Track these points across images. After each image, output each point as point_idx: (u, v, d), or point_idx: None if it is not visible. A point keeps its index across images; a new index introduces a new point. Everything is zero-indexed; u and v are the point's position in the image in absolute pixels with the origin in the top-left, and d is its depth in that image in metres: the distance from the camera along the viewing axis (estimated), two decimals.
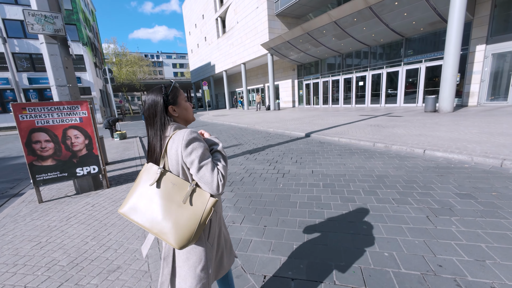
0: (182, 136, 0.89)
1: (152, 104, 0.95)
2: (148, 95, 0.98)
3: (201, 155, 0.89)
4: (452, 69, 8.65)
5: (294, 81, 21.04)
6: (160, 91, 0.96)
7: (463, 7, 8.17)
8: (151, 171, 0.94)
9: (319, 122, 9.16)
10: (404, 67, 12.71)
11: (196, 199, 0.91)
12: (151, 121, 0.96)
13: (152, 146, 0.98)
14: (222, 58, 27.22)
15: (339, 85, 16.76)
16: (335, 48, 15.36)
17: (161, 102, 0.94)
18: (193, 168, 0.89)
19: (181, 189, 0.91)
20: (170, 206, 0.89)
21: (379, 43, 13.65)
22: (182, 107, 1.02)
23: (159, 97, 0.94)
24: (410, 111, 10.70)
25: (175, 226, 0.87)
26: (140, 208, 0.91)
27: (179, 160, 0.90)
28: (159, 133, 0.95)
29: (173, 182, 0.91)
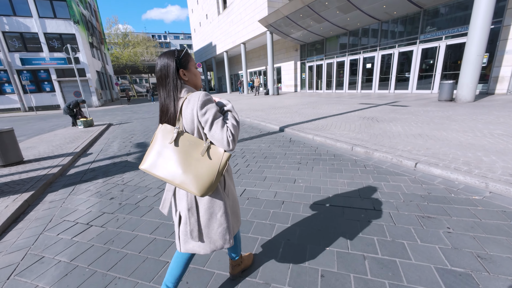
0: (198, 97, 0.97)
1: (165, 66, 1.00)
2: (161, 57, 1.02)
3: (214, 115, 0.98)
4: (477, 47, 6.85)
5: (296, 63, 19.18)
6: (173, 54, 1.01)
7: None
8: (166, 130, 1.02)
9: (307, 112, 7.80)
10: (420, 46, 10.73)
11: (213, 154, 1.01)
12: (163, 82, 1.02)
13: (165, 106, 1.04)
14: (222, 38, 25.43)
15: (345, 68, 14.88)
16: (340, 24, 13.36)
17: (173, 64, 1.00)
18: (206, 127, 0.98)
19: (197, 146, 1.00)
20: (189, 160, 0.99)
21: (391, 16, 11.57)
22: (192, 73, 1.08)
23: (171, 60, 1.00)
24: (422, 99, 9.00)
25: (196, 177, 0.97)
26: (161, 164, 0.99)
27: (194, 119, 0.99)
28: (172, 94, 1.01)
29: (189, 140, 1.00)
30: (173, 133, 0.99)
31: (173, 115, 1.02)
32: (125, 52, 37.88)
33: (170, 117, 1.03)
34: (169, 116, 1.03)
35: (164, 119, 1.05)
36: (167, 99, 1.02)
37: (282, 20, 14.63)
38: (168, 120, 1.04)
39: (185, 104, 0.99)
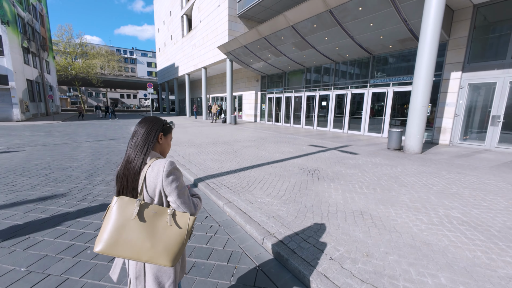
0: (163, 166, 0.96)
1: (150, 124, 1.04)
2: (149, 118, 1.06)
3: (180, 184, 0.99)
4: (422, 98, 6.60)
5: (257, 93, 18.71)
6: (161, 122, 1.08)
7: (438, 23, 6.20)
8: (124, 203, 0.95)
9: (248, 154, 6.56)
10: (370, 90, 10.79)
11: (179, 220, 0.98)
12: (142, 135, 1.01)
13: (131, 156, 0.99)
14: (185, 60, 24.41)
15: (302, 103, 14.61)
16: (297, 60, 13.24)
17: (160, 126, 1.05)
18: (173, 195, 0.97)
19: (162, 215, 0.97)
20: (156, 232, 0.94)
21: (344, 58, 11.71)
22: (167, 142, 1.13)
23: (158, 125, 1.05)
24: (372, 144, 8.56)
25: (166, 248, 0.93)
26: (123, 242, 0.91)
27: (157, 188, 0.96)
28: (145, 149, 1.00)
29: (154, 210, 0.96)
30: (135, 205, 0.94)
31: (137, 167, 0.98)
32: (76, 63, 34.34)
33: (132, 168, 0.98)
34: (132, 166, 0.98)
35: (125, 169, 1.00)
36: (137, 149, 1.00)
37: (241, 49, 14.13)
38: (128, 172, 0.99)
39: (149, 171, 0.97)
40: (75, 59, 35.05)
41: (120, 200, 0.95)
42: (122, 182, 0.99)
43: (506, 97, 7.15)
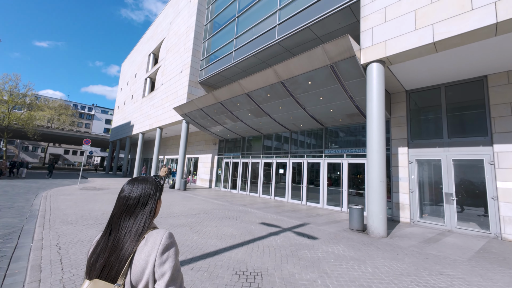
0: (160, 239, 0.80)
1: (146, 194, 0.87)
2: (140, 183, 0.89)
3: (176, 265, 0.80)
4: (378, 172, 6.07)
5: (214, 157, 17.58)
6: (156, 184, 0.93)
7: (381, 104, 6.37)
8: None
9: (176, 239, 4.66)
10: (326, 160, 10.50)
11: None
12: (137, 211, 0.84)
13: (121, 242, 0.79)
14: (141, 119, 23.20)
15: (259, 170, 13.71)
16: (254, 127, 13.04)
17: (158, 194, 0.91)
18: (163, 280, 0.77)
19: None
20: None
21: (299, 128, 11.81)
22: (160, 203, 0.95)
23: (156, 189, 0.91)
24: (333, 221, 7.42)
25: None
26: None
27: (147, 267, 0.76)
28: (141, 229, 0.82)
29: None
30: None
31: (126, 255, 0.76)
32: (13, 113, 30.32)
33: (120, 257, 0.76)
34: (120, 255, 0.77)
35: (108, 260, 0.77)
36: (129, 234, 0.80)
37: (198, 112, 13.64)
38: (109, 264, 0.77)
39: (141, 246, 0.79)
40: (13, 109, 31.10)
41: (92, 285, 0.75)
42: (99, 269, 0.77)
43: (453, 175, 7.13)
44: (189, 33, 17.17)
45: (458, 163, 7.13)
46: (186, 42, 17.37)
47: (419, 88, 8.15)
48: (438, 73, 7.08)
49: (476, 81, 7.14)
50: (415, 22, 5.84)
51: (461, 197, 7.00)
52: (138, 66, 27.69)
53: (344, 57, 6.73)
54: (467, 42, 5.36)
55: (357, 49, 6.73)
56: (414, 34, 5.80)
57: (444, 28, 5.35)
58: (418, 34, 5.74)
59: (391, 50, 6.18)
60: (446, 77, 7.30)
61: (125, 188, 0.87)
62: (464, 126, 7.28)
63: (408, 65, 6.68)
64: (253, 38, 12.02)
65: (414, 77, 7.42)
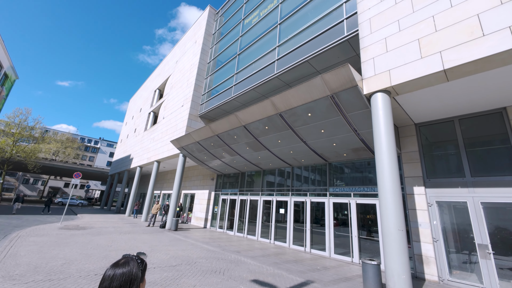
0: None
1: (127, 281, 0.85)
2: (124, 267, 0.88)
3: None
4: (395, 219, 5.00)
5: (211, 193, 16.47)
6: (138, 266, 0.91)
7: (390, 137, 5.66)
8: None
9: None
10: (331, 199, 9.38)
11: None
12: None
13: None
14: (140, 152, 22.83)
15: (258, 209, 12.47)
16: (253, 161, 12.26)
17: (139, 276, 0.89)
18: None
19: None
20: None
21: (301, 163, 10.96)
22: (144, 283, 0.96)
23: (139, 272, 0.90)
24: (343, 278, 6.04)
25: None
26: None
27: None
28: None
29: None
30: None
31: None
32: (18, 145, 30.55)
33: None
34: None
35: None
36: None
37: (194, 145, 13.09)
38: None
39: None
40: (19, 141, 31.48)
41: None
42: None
43: (485, 222, 5.95)
44: (192, 70, 17.72)
45: (488, 206, 6.01)
46: (189, 78, 17.83)
47: (430, 121, 7.48)
48: (451, 104, 6.46)
49: (494, 114, 6.45)
50: (420, 51, 5.43)
51: (498, 250, 5.70)
52: (144, 101, 28.49)
53: (345, 87, 6.24)
54: (483, 69, 4.82)
55: (359, 79, 6.29)
56: (421, 62, 5.35)
57: (454, 55, 4.88)
58: (425, 62, 5.28)
59: (396, 79, 5.68)
60: (460, 109, 6.66)
61: (106, 277, 0.85)
62: (488, 163, 6.35)
63: (417, 95, 6.12)
64: (253, 73, 12.05)
65: (423, 108, 6.80)
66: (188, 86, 17.47)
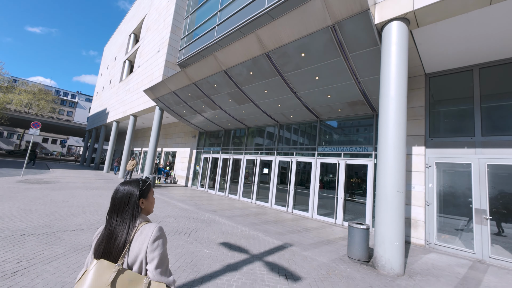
0: (152, 231, 0.97)
1: (127, 195, 1.02)
2: (124, 185, 1.05)
3: (164, 252, 0.97)
4: (395, 178, 4.15)
5: (192, 151, 15.45)
6: (138, 185, 1.06)
7: (402, 82, 4.46)
8: (102, 267, 0.90)
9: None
10: (319, 159, 8.57)
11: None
12: (121, 209, 1.00)
13: (113, 234, 0.96)
14: (116, 106, 20.80)
15: (240, 169, 11.69)
16: (237, 117, 11.00)
17: (137, 194, 1.03)
18: (152, 264, 0.94)
19: (137, 284, 0.91)
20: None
21: (289, 120, 9.84)
22: (149, 201, 1.10)
23: (135, 190, 1.04)
24: (325, 241, 5.48)
25: None
26: None
27: (141, 253, 0.94)
28: (128, 223, 0.98)
29: (130, 278, 0.91)
30: (113, 271, 0.90)
31: (121, 244, 0.95)
32: None
33: (116, 245, 0.95)
34: (115, 243, 0.95)
35: (106, 246, 0.96)
36: (120, 226, 0.97)
37: (171, 96, 11.49)
38: (109, 249, 0.95)
39: (137, 235, 0.96)
40: None
41: (99, 264, 0.91)
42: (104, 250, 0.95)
43: (487, 185, 5.30)
44: (169, 7, 14.92)
45: (495, 170, 5.30)
46: (166, 17, 15.11)
47: (444, 71, 6.29)
48: (475, 48, 5.21)
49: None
50: None
51: (499, 215, 5.17)
52: (119, 48, 25.15)
53: (353, 13, 4.76)
54: None
55: (372, 3, 4.79)
56: None
57: None
58: None
59: (421, 1, 4.25)
60: (485, 55, 5.45)
61: (115, 190, 1.03)
62: (504, 122, 5.45)
63: (439, 31, 4.78)
64: (239, 8, 9.93)
65: (442, 52, 5.53)
66: (164, 28, 14.90)
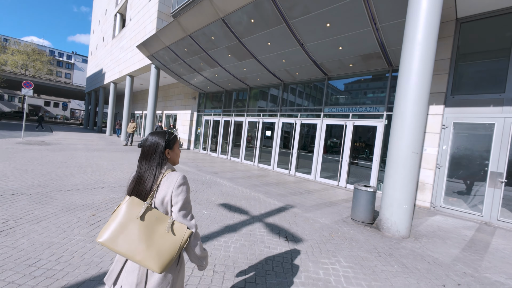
0: (177, 178, 1.06)
1: (154, 144, 1.10)
2: (152, 135, 1.13)
3: (187, 198, 1.08)
4: (412, 137, 3.72)
5: (193, 114, 14.97)
6: (164, 136, 1.13)
7: (433, 26, 3.67)
8: (133, 203, 1.00)
9: None
10: (325, 121, 8.08)
11: (176, 230, 1.02)
12: (149, 156, 1.09)
13: (143, 176, 1.08)
14: (111, 65, 19.71)
15: (242, 131, 11.32)
16: (238, 75, 10.20)
17: (163, 145, 1.11)
18: (176, 206, 1.04)
19: (162, 222, 1.01)
20: (153, 236, 0.97)
21: (294, 79, 9.06)
22: (175, 152, 1.18)
23: (162, 141, 1.11)
24: (327, 203, 5.36)
25: (159, 253, 0.95)
26: (123, 239, 0.94)
27: (166, 196, 1.05)
28: (155, 169, 1.08)
29: (156, 216, 1.01)
30: (142, 207, 1.00)
31: (149, 186, 1.05)
32: None
33: (144, 187, 1.06)
34: (144, 186, 1.06)
35: (136, 188, 1.07)
36: (148, 171, 1.07)
37: (165, 52, 10.54)
38: (139, 190, 1.06)
39: (163, 180, 1.06)
40: None
41: (131, 200, 1.01)
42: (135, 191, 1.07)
43: (509, 147, 4.87)
44: None
45: None
46: None
47: (480, 14, 5.32)
48: None
49: None
50: None
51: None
52: (108, 0, 22.77)
53: None
54: None
55: None
56: None
57: None
58: None
59: None
60: None
61: (144, 138, 1.12)
62: None
63: None
64: None
65: None
66: None
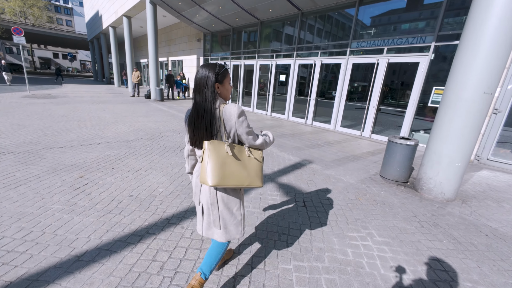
0: (234, 109, 1.13)
1: (204, 76, 1.13)
2: (203, 68, 1.15)
3: (248, 124, 1.17)
4: (483, 75, 2.63)
5: (199, 58, 13.59)
6: (214, 68, 1.14)
7: None
8: (215, 144, 1.12)
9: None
10: (351, 59, 6.70)
11: (254, 153, 1.23)
12: (201, 90, 1.13)
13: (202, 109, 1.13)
14: (106, 6, 17.62)
15: (254, 76, 10.10)
16: (246, 6, 8.43)
17: (213, 78, 1.12)
18: (243, 135, 1.17)
19: (242, 151, 1.19)
20: (245, 164, 1.18)
21: (315, 5, 7.27)
22: (225, 88, 1.21)
23: (211, 73, 1.13)
24: (351, 156, 4.67)
25: (256, 174, 1.20)
26: (229, 174, 1.12)
27: (232, 128, 1.15)
28: (209, 103, 1.12)
29: (237, 148, 1.17)
30: (226, 145, 1.13)
31: (207, 120, 1.12)
32: None
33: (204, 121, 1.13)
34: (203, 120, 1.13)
35: (197, 121, 1.15)
36: (202, 104, 1.13)
37: None
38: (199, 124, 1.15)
39: (224, 113, 1.13)
40: None
41: (211, 144, 1.12)
42: (196, 125, 1.16)
43: None
44: None
45: None
46: None
47: None
48: None
49: None
50: None
51: None
52: None
53: None
54: None
55: None
56: None
57: None
58: None
59: None
60: None
61: (198, 69, 1.15)
62: None
63: None
64: None
65: None
66: None
